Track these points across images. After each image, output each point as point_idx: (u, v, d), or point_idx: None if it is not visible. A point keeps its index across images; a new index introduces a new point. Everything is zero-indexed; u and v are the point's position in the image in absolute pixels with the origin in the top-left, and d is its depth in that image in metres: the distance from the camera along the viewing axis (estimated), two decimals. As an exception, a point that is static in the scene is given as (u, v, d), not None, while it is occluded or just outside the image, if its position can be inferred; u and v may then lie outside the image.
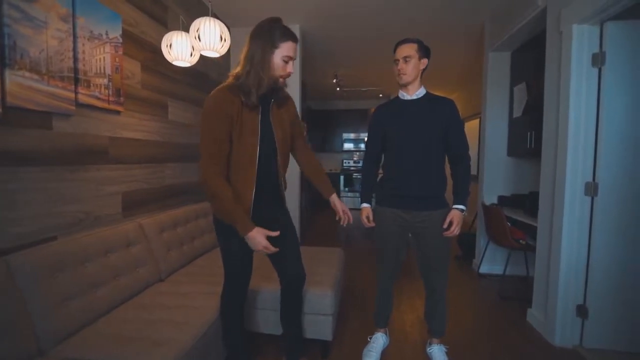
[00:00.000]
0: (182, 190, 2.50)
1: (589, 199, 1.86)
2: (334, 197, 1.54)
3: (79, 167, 1.59)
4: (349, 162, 7.50)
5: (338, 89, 5.60)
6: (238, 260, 1.41)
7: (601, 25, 1.78)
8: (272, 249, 1.26)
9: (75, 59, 1.53)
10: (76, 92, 1.53)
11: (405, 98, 1.63)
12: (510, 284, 2.84)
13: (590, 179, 1.85)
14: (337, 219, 1.52)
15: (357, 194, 6.73)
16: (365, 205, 1.73)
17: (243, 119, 1.26)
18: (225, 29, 1.91)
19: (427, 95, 1.62)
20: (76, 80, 1.53)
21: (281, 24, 1.26)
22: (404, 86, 1.61)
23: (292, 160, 1.54)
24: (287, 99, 1.44)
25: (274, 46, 1.23)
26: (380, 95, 6.64)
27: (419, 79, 1.60)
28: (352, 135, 7.35)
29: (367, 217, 1.70)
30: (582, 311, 1.90)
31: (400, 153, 1.63)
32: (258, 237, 1.24)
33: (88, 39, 1.60)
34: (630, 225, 1.79)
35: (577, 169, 1.86)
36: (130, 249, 1.70)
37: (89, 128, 1.64)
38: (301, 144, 1.56)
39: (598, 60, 1.79)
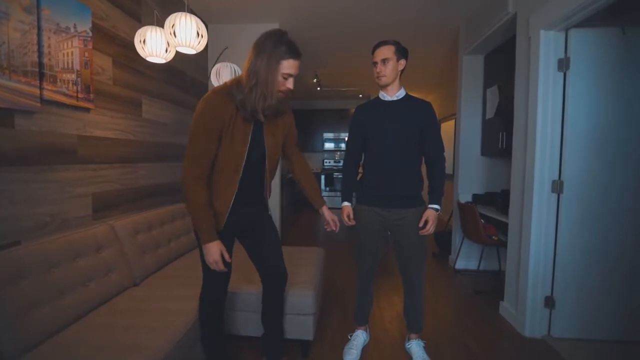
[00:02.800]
0: (158, 191, 2.42)
1: (555, 196, 1.96)
2: (324, 209, 1.60)
3: (45, 168, 1.50)
4: (329, 162, 7.53)
5: (319, 88, 5.61)
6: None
7: (566, 32, 1.88)
8: (222, 267, 1.28)
9: (40, 53, 1.44)
10: (41, 88, 1.45)
11: (386, 99, 1.66)
12: (484, 278, 2.96)
13: (556, 177, 1.95)
14: (325, 227, 1.59)
15: (338, 194, 6.77)
16: (346, 204, 1.76)
17: (236, 125, 1.25)
18: (202, 25, 1.87)
19: (407, 96, 1.66)
20: (41, 76, 1.45)
21: (287, 39, 1.23)
22: (384, 87, 1.64)
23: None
24: (286, 110, 1.43)
25: (278, 63, 1.21)
26: (360, 95, 6.71)
27: (398, 80, 1.63)
28: (332, 135, 7.38)
29: (348, 216, 1.73)
30: (549, 302, 2.00)
31: (380, 153, 1.66)
32: (214, 250, 1.26)
33: (54, 32, 1.51)
34: (593, 220, 1.90)
35: (544, 168, 1.96)
36: (101, 252, 1.63)
37: (56, 126, 1.55)
38: (294, 152, 1.57)
39: (563, 65, 1.89)
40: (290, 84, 1.26)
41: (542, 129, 1.95)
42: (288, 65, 1.22)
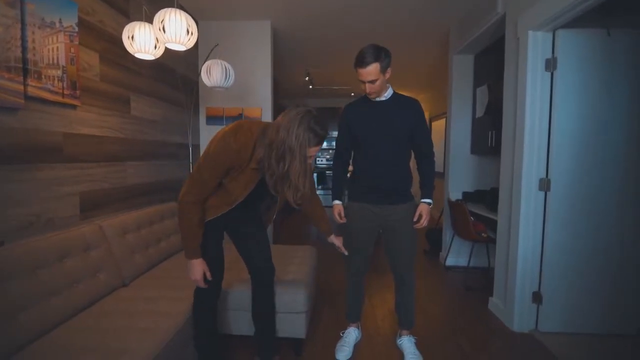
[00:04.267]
0: (147, 190, 2.38)
1: (542, 193, 2.00)
2: (332, 237, 1.68)
3: (29, 166, 1.46)
4: (321, 160, 7.53)
5: (311, 87, 5.59)
6: (211, 258, 1.41)
7: (554, 32, 1.92)
8: (202, 285, 1.36)
9: (24, 48, 1.40)
10: (25, 84, 1.41)
11: (375, 100, 1.66)
12: (473, 275, 3.00)
13: (543, 176, 1.99)
14: (338, 249, 1.70)
15: (330, 192, 6.78)
16: (337, 202, 1.77)
17: (245, 171, 1.26)
18: (193, 22, 1.84)
19: (395, 95, 1.66)
20: (25, 71, 1.41)
21: (318, 124, 1.18)
22: None
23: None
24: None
25: (306, 149, 1.18)
26: (352, 94, 6.72)
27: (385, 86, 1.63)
28: (324, 133, 7.36)
29: (339, 214, 1.74)
30: (537, 297, 2.04)
31: (370, 150, 1.67)
32: (197, 269, 1.33)
33: (39, 27, 1.47)
34: (579, 217, 1.95)
35: (532, 166, 2.00)
36: (89, 252, 1.60)
37: (41, 123, 1.51)
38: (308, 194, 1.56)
39: (550, 65, 1.92)
40: (310, 159, 1.24)
41: (530, 127, 1.98)
42: (312, 150, 1.21)
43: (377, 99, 1.64)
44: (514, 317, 2.07)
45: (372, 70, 1.48)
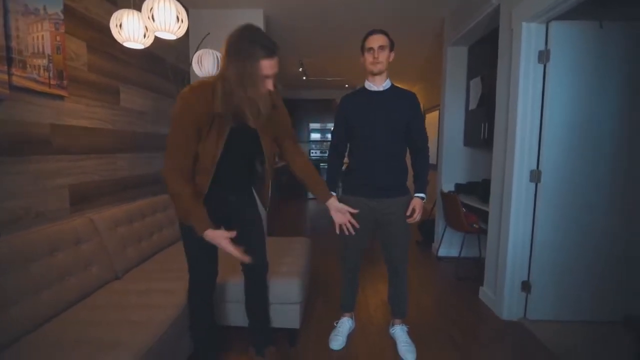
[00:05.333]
0: (138, 183, 2.35)
1: (533, 185, 2.03)
2: (331, 202, 1.45)
3: (16, 159, 1.43)
4: (316, 152, 7.51)
5: (304, 77, 5.54)
6: (203, 253, 1.39)
7: (547, 24, 1.92)
8: (232, 249, 1.19)
9: (7, 36, 1.35)
10: (10, 74, 1.36)
11: (372, 89, 1.65)
12: (465, 265, 3.05)
13: (534, 167, 2.01)
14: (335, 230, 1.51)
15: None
16: (332, 194, 1.75)
17: (213, 124, 1.19)
18: (183, 10, 1.80)
19: (393, 87, 1.66)
20: (9, 60, 1.36)
21: (261, 36, 1.11)
22: (376, 75, 1.62)
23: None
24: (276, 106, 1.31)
25: (256, 66, 1.10)
26: (346, 85, 6.68)
27: (386, 70, 1.63)
28: (318, 125, 7.34)
29: None
30: (526, 287, 2.09)
31: (367, 143, 1.66)
32: (218, 239, 1.19)
33: (22, 14, 1.42)
34: (568, 208, 1.99)
35: (523, 158, 2.02)
36: (80, 246, 1.58)
37: (27, 114, 1.48)
38: (290, 145, 1.45)
39: (543, 57, 1.93)
40: (269, 85, 1.15)
41: (522, 119, 2.00)
42: (264, 66, 1.11)
43: (375, 89, 1.63)
44: (503, 305, 2.12)
45: (382, 37, 1.58)
